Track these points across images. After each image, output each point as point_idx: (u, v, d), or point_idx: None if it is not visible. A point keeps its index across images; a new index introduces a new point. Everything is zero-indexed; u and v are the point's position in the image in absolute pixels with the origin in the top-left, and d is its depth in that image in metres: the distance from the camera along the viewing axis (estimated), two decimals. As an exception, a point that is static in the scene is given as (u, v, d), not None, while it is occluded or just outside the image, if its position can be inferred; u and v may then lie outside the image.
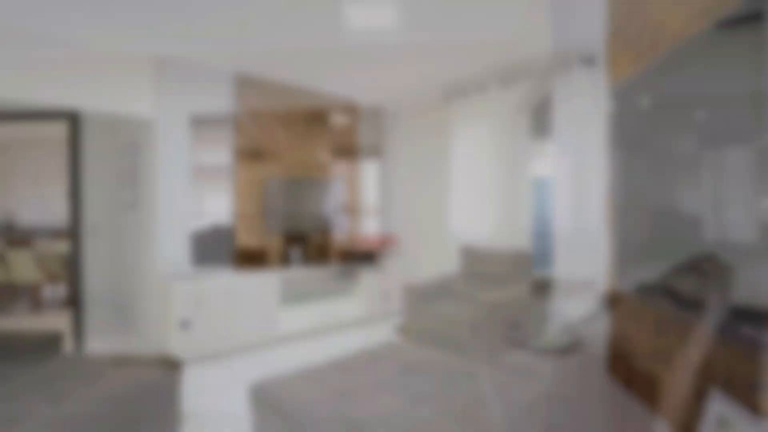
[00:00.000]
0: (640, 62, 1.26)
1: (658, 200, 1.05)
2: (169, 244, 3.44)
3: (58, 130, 3.70)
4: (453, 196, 3.37)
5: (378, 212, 3.68)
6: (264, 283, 3.58)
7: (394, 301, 3.70)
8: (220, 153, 3.38)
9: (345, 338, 3.72)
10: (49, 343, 2.30)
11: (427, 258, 3.57)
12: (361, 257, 3.47)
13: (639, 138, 1.12)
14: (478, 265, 3.51)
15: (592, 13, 1.63)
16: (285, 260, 3.63)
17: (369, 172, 3.72)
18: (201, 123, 3.37)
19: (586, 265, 1.73)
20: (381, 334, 3.52)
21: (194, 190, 3.41)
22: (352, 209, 3.47)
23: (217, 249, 3.43)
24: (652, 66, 1.00)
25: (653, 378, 1.18)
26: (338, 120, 3.58)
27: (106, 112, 3.37)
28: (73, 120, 3.49)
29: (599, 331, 1.56)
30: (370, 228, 3.61)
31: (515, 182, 3.21)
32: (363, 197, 3.70)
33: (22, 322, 4.83)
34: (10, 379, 2.03)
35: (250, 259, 3.76)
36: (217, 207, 3.41)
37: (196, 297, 3.32)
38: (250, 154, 3.63)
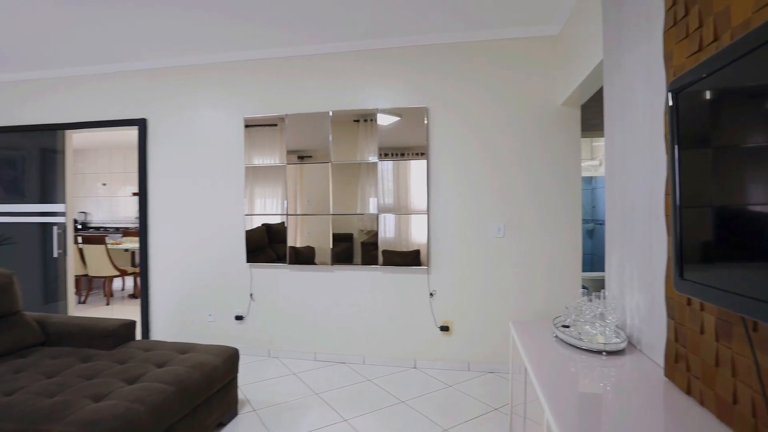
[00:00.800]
0: (701, 52, 1.21)
1: (722, 198, 1.01)
2: (229, 241, 3.66)
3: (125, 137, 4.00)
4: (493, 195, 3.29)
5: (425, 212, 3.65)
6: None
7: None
8: (272, 155, 3.53)
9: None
10: (124, 331, 2.52)
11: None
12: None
13: (701, 132, 1.08)
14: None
15: (648, 1, 1.57)
16: (335, 260, 3.72)
17: (417, 171, 3.69)
18: (252, 126, 3.55)
19: (639, 265, 1.68)
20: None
21: (249, 191, 3.59)
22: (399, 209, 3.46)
23: (267, 247, 3.60)
24: (715, 56, 0.96)
25: (716, 383, 1.14)
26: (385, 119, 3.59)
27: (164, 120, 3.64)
28: (142, 126, 3.79)
29: (658, 333, 1.51)
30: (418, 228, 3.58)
31: (566, 178, 3.13)
32: (410, 197, 3.68)
33: (99, 311, 5.29)
34: (94, 359, 2.25)
35: (299, 256, 3.88)
36: (267, 207, 3.57)
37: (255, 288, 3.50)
38: (298, 155, 3.75)
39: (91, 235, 5.65)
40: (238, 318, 3.61)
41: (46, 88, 4.10)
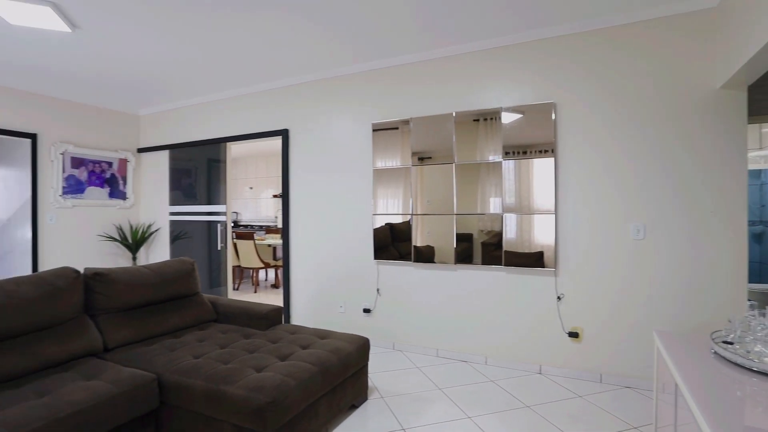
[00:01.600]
0: None
1: None
2: (359, 239, 3.96)
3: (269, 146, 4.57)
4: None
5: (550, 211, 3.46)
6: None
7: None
8: (393, 157, 3.72)
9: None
10: (274, 315, 2.92)
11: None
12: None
13: None
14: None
15: None
16: (457, 259, 3.76)
17: (541, 169, 3.52)
18: (377, 131, 3.79)
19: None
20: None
21: (374, 192, 3.84)
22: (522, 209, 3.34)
23: (390, 245, 3.79)
24: None
25: None
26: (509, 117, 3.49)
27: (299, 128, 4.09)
28: (285, 136, 4.30)
29: None
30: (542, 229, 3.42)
31: (727, 173, 2.70)
32: (533, 196, 3.52)
33: (248, 297, 6.13)
34: (252, 337, 2.66)
35: (420, 255, 4.01)
36: (389, 207, 3.76)
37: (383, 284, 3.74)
38: (418, 157, 3.88)
39: (243, 231, 6.57)
40: (366, 311, 3.88)
41: (212, 109, 4.90)
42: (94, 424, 1.79)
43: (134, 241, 5.31)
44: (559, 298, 3.16)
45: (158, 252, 5.46)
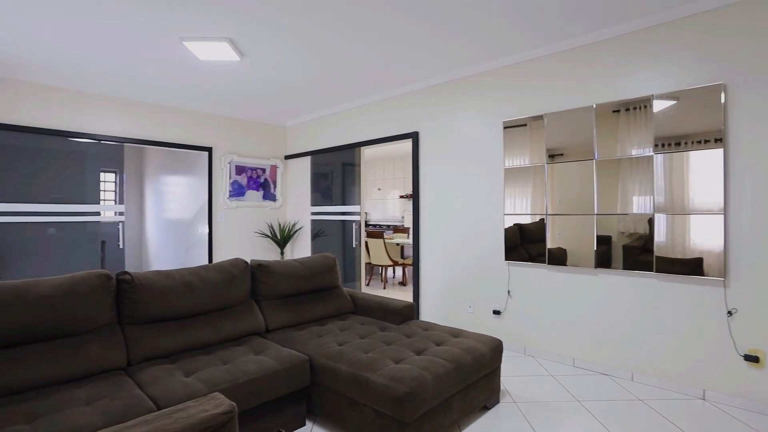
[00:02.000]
0: None
1: None
2: (488, 239, 3.92)
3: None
4: None
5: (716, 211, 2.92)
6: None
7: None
8: (522, 155, 3.58)
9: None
10: (407, 311, 3.06)
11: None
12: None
13: None
14: None
15: None
16: (597, 262, 3.46)
17: (701, 163, 3.00)
18: (508, 129, 3.68)
19: None
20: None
21: (507, 190, 3.76)
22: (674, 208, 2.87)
23: (519, 246, 3.66)
24: None
25: None
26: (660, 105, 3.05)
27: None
28: (415, 138, 4.46)
29: None
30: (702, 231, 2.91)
31: None
32: (689, 194, 3.01)
33: (378, 293, 6.49)
34: (388, 330, 2.83)
35: (552, 257, 3.78)
36: (517, 207, 3.63)
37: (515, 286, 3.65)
38: (549, 154, 3.66)
39: (373, 231, 6.96)
40: (496, 312, 3.82)
41: (347, 116, 5.32)
42: (262, 393, 2.12)
43: (282, 237, 6.04)
44: (730, 313, 2.71)
45: (301, 248, 6.11)
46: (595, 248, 3.22)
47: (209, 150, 5.56)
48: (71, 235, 4.55)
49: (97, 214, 4.72)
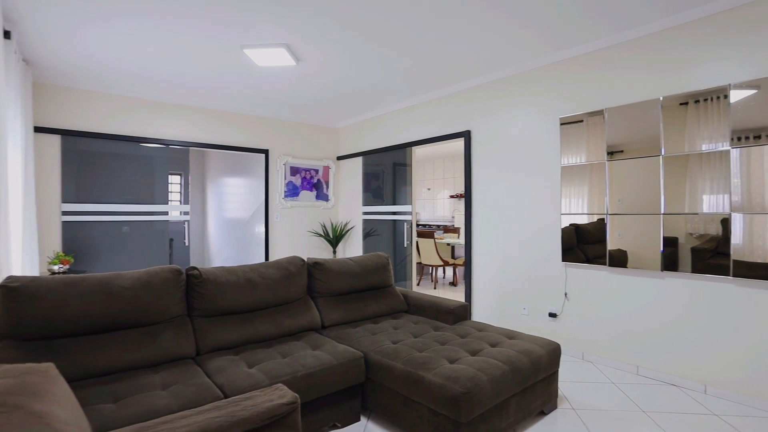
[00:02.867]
0: None
1: None
2: (544, 240, 3.81)
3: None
4: None
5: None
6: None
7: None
8: (579, 153, 3.43)
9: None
10: (461, 311, 3.04)
11: None
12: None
13: None
14: None
15: None
16: (664, 265, 3.25)
17: None
18: (564, 125, 3.55)
19: None
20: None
21: (564, 190, 3.62)
22: (752, 207, 2.59)
23: (576, 247, 3.51)
24: None
25: None
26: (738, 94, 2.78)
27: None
28: (467, 137, 4.41)
29: None
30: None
31: None
32: None
33: (429, 293, 6.48)
34: (441, 330, 2.83)
35: (612, 259, 3.60)
36: (572, 206, 3.48)
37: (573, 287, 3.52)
38: (608, 151, 3.47)
39: (424, 230, 6.95)
40: (552, 315, 3.69)
41: (398, 117, 5.35)
42: (319, 387, 2.19)
43: (334, 236, 6.17)
44: (822, 323, 2.45)
45: (353, 247, 6.22)
46: (662, 250, 3.03)
47: (266, 152, 5.80)
48: (142, 233, 4.92)
49: (166, 213, 5.06)
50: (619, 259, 3.26)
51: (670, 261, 3.00)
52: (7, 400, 0.80)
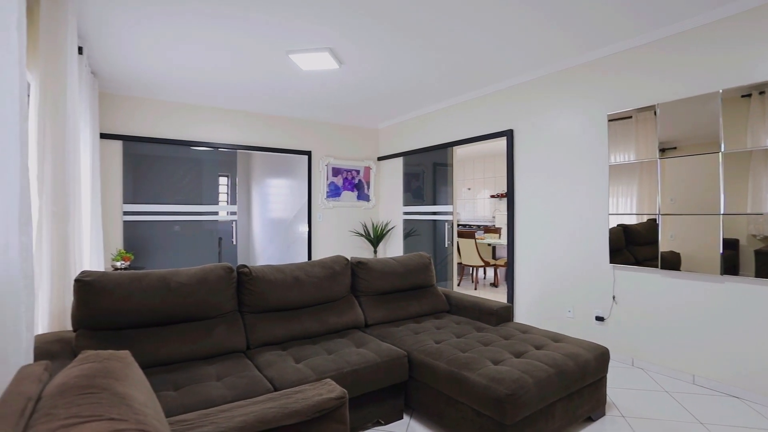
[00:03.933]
0: None
1: None
2: (590, 241, 3.69)
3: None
4: None
5: None
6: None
7: None
8: (627, 150, 3.30)
9: None
10: (504, 312, 3.01)
11: None
12: None
13: None
14: None
15: None
16: (724, 269, 3.07)
17: None
18: (612, 122, 3.42)
19: None
20: None
21: (612, 189, 3.50)
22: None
23: (624, 248, 3.37)
24: None
25: None
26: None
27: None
28: (509, 136, 4.34)
29: None
30: None
31: None
32: None
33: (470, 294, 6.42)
34: (484, 330, 2.81)
35: (664, 262, 3.43)
36: (620, 206, 3.34)
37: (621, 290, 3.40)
38: (660, 148, 3.31)
39: (465, 231, 6.90)
40: (599, 319, 3.57)
41: (439, 116, 5.34)
42: (364, 383, 2.24)
43: (375, 236, 6.25)
44: None
45: (393, 247, 6.27)
46: (721, 252, 2.87)
47: (308, 154, 5.95)
48: (193, 232, 5.18)
49: (215, 213, 5.31)
50: (671, 262, 3.11)
51: (730, 264, 2.83)
52: (95, 382, 0.89)
